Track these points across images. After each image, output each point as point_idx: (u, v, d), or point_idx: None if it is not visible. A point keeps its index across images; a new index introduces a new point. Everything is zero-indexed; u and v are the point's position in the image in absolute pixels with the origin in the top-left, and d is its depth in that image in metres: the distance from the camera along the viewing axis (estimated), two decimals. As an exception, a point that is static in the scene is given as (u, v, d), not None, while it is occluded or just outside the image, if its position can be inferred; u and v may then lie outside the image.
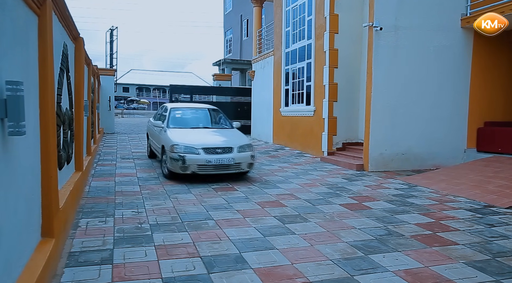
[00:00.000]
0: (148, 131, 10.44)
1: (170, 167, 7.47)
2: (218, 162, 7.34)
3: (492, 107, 10.25)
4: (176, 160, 7.23)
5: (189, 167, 7.22)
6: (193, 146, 7.36)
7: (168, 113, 8.84)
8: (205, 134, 8.34)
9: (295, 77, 13.41)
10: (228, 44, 31.25)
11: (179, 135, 7.84)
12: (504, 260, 3.91)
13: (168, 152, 7.46)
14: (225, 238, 4.36)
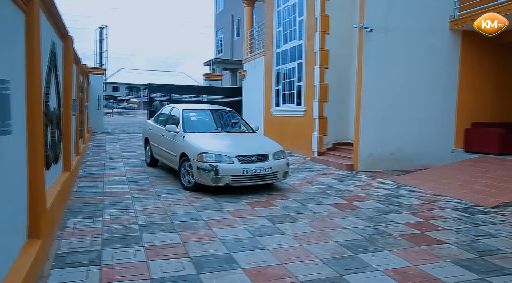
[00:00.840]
0: (148, 136, 9.05)
1: (198, 179, 6.45)
2: (255, 171, 6.43)
3: (479, 109, 10.39)
4: (207, 170, 6.27)
5: (222, 178, 6.26)
6: (226, 154, 6.43)
7: (181, 116, 7.70)
8: (232, 140, 7.43)
9: (286, 77, 13.44)
10: (219, 44, 31.20)
11: (204, 141, 6.84)
12: (490, 259, 3.97)
13: (195, 161, 6.45)
14: (215, 238, 4.35)
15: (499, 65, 10.42)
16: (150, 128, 9.02)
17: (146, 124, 9.52)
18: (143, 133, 9.78)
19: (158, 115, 9.11)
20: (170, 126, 7.51)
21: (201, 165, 6.34)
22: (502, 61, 10.43)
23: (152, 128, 8.85)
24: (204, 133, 7.41)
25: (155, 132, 8.58)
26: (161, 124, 8.38)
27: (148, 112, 19.57)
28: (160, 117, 8.90)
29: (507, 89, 10.56)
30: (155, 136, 8.54)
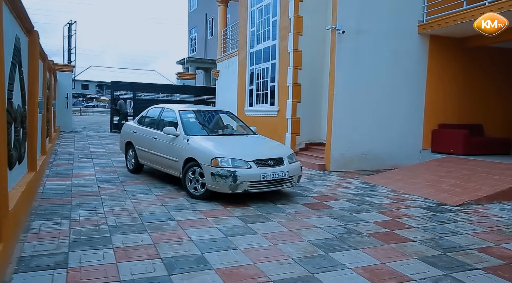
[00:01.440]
0: (132, 140, 8.13)
1: (212, 186, 5.92)
2: (273, 176, 6.04)
3: (445, 110, 10.76)
4: (224, 176, 5.75)
5: (241, 184, 5.80)
6: (243, 158, 5.97)
7: (179, 118, 7.03)
8: (242, 144, 6.96)
9: (259, 77, 13.47)
10: (193, 42, 30.94)
11: (214, 145, 6.33)
12: (454, 255, 4.12)
13: (208, 167, 5.91)
14: (186, 239, 4.31)
15: (465, 68, 10.82)
16: (134, 131, 8.13)
17: (128, 127, 8.59)
18: (122, 136, 8.77)
19: (143, 117, 8.28)
20: (169, 129, 6.78)
21: (217, 170, 5.79)
22: (467, 65, 10.83)
23: (138, 131, 8.00)
24: (208, 136, 6.91)
25: (143, 135, 7.74)
26: (151, 126, 7.70)
27: (111, 111, 19.07)
28: (146, 119, 8.14)
29: (472, 92, 10.98)
30: (142, 140, 7.71)
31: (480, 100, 11.15)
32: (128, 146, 8.41)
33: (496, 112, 11.46)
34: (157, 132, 7.26)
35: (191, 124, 7.12)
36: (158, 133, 7.23)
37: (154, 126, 7.57)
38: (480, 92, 11.12)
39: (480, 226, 5.26)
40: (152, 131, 7.46)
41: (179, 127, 6.83)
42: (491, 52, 11.09)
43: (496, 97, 11.40)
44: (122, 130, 8.94)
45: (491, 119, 11.31)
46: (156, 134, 7.28)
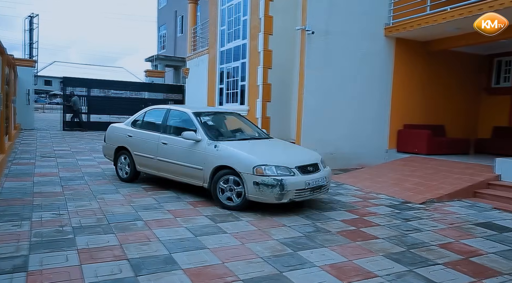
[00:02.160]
0: (128, 145, 7.19)
1: (255, 196, 5.45)
2: (316, 183, 5.69)
3: (410, 111, 11.11)
4: (271, 186, 5.32)
5: (287, 193, 5.40)
6: (286, 165, 5.58)
7: (196, 121, 6.37)
8: (272, 148, 6.51)
9: (229, 76, 13.43)
10: (162, 40, 30.46)
11: (250, 151, 5.87)
12: (417, 251, 4.26)
13: (250, 175, 5.43)
14: (154, 239, 4.23)
15: (429, 71, 11.21)
16: (128, 135, 7.18)
17: (117, 130, 7.57)
18: (110, 141, 7.66)
19: (139, 120, 7.37)
20: (189, 134, 6.13)
21: (262, 179, 5.35)
22: (431, 68, 11.22)
23: (135, 135, 7.08)
24: (235, 141, 6.39)
25: (144, 140, 6.91)
26: (155, 130, 6.88)
27: (63, 109, 18.13)
28: (145, 122, 7.26)
29: (435, 94, 11.39)
30: (144, 145, 6.88)
31: (442, 102, 11.59)
32: (119, 152, 7.41)
33: (457, 113, 11.95)
34: (168, 137, 6.54)
35: (211, 128, 6.59)
36: (169, 138, 6.52)
37: (160, 130, 6.78)
38: (443, 94, 11.55)
39: (441, 223, 5.47)
40: (159, 136, 6.67)
41: (198, 131, 6.18)
42: (453, 56, 11.55)
43: (457, 100, 11.88)
44: (108, 134, 7.77)
45: (452, 121, 11.78)
46: (166, 139, 6.53)
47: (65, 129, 17.54)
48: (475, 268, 3.87)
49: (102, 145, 8.03)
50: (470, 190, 7.24)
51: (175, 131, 6.63)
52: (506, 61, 12.06)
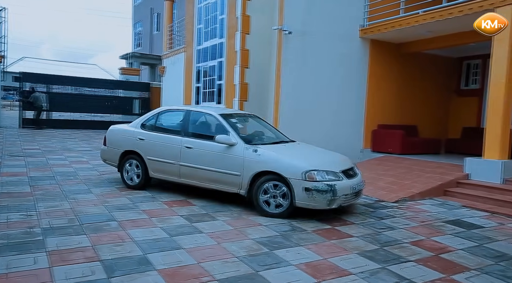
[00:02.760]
0: (139, 150, 6.59)
1: (305, 203, 5.24)
2: (358, 187, 5.63)
3: (384, 112, 11.34)
4: (324, 191, 5.16)
5: (338, 199, 5.27)
6: (333, 170, 5.46)
7: (226, 124, 6.03)
8: (309, 153, 6.31)
9: (206, 75, 13.33)
10: (138, 37, 29.94)
11: (294, 156, 5.75)
12: (390, 249, 4.36)
13: (299, 181, 5.22)
14: (128, 240, 4.16)
15: (402, 72, 11.47)
16: (140, 139, 6.58)
17: (125, 133, 6.88)
18: (113, 144, 6.97)
19: (151, 122, 6.80)
20: (223, 137, 5.77)
21: (314, 185, 5.16)
22: (405, 69, 11.49)
23: (149, 139, 6.52)
24: (269, 144, 6.14)
25: (161, 144, 6.40)
26: (174, 133, 6.40)
27: (22, 105, 17.31)
28: (160, 125, 6.76)
29: (408, 95, 11.67)
30: (163, 150, 6.35)
31: (415, 102, 11.88)
32: (125, 157, 6.79)
33: (429, 114, 12.28)
34: (193, 140, 6.11)
35: (246, 132, 6.31)
36: (194, 141, 6.09)
37: (181, 134, 6.31)
38: (416, 95, 11.85)
39: (413, 221, 5.60)
40: (181, 139, 6.20)
41: (232, 135, 5.85)
42: (425, 58, 11.87)
43: (429, 101, 12.21)
44: (109, 137, 7.07)
45: (425, 121, 12.10)
46: (190, 143, 6.10)
47: (25, 126, 16.83)
48: (444, 264, 3.98)
49: (102, 149, 7.23)
50: (441, 188, 7.46)
51: (201, 135, 6.25)
52: (474, 64, 12.49)
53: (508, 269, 3.95)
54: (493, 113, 7.47)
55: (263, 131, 6.83)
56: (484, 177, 7.44)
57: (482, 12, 7.64)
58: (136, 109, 19.49)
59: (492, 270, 3.91)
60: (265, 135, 6.72)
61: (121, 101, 19.22)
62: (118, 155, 6.85)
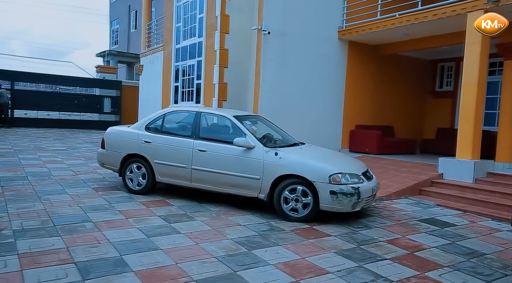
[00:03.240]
0: (147, 153, 6.25)
1: (331, 206, 5.23)
2: (375, 189, 5.71)
3: (362, 112, 11.52)
4: (349, 194, 5.17)
5: (362, 201, 5.33)
6: (356, 173, 5.50)
7: (242, 127, 5.88)
8: (325, 155, 6.24)
9: (185, 74, 13.22)
10: (115, 35, 29.43)
11: (318, 159, 5.74)
12: (366, 247, 4.43)
13: (325, 184, 5.19)
14: (104, 241, 4.08)
15: (379, 74, 11.68)
16: (146, 141, 6.26)
17: (128, 135, 6.50)
18: (113, 148, 6.57)
19: (158, 124, 6.50)
20: (241, 140, 5.61)
21: (340, 188, 5.16)
22: (382, 71, 11.71)
23: (157, 142, 6.22)
24: (287, 147, 6.00)
25: (174, 147, 6.10)
26: (186, 136, 6.14)
27: None
28: (167, 127, 6.55)
29: (385, 96, 11.89)
30: (173, 153, 6.08)
31: (392, 103, 12.12)
32: (128, 160, 6.43)
33: (405, 115, 12.55)
34: (207, 143, 5.90)
35: (261, 135, 6.16)
36: (208, 144, 5.88)
37: (193, 136, 6.07)
38: (392, 96, 12.08)
39: (389, 220, 5.71)
40: (193, 142, 5.98)
41: (249, 137, 5.70)
42: (402, 60, 12.12)
43: (405, 102, 12.48)
44: (108, 140, 6.67)
45: (401, 122, 12.36)
46: (203, 146, 5.88)
47: None
48: (419, 262, 4.08)
49: (100, 152, 6.80)
50: (416, 188, 7.63)
51: (215, 138, 6.05)
52: (448, 66, 12.85)
53: (478, 266, 4.08)
54: (465, 114, 7.69)
55: (271, 133, 6.60)
56: (457, 176, 7.66)
57: (455, 16, 7.89)
58: (107, 108, 19.11)
59: (464, 267, 4.03)
60: (276, 138, 6.52)
61: (91, 99, 18.77)
62: (120, 159, 6.45)
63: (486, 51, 7.54)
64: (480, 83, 7.51)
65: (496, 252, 4.55)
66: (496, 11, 7.28)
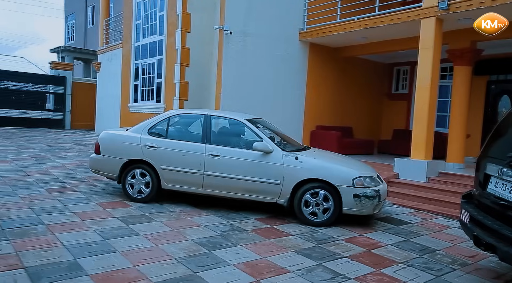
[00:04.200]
0: (152, 159, 5.86)
1: (354, 209, 5.28)
2: (386, 192, 5.79)
3: (322, 113, 11.74)
4: (372, 197, 5.26)
5: (381, 203, 5.51)
6: (374, 176, 5.61)
7: (257, 131, 5.76)
8: (335, 158, 6.22)
9: (145, 72, 12.93)
10: (71, 30, 28.28)
11: (337, 162, 5.80)
12: (325, 246, 4.52)
13: (348, 188, 5.24)
14: (58, 244, 3.91)
15: (339, 76, 11.96)
16: (151, 146, 5.87)
17: (128, 139, 6.08)
18: (111, 153, 6.08)
19: (162, 127, 6.14)
20: (260, 145, 5.50)
21: (363, 191, 5.23)
22: (341, 73, 11.99)
23: (164, 147, 5.87)
24: (301, 151, 5.89)
25: (183, 152, 5.78)
26: (195, 140, 5.86)
27: None
28: (174, 131, 6.24)
29: (345, 98, 12.19)
30: (183, 158, 5.76)
31: (351, 105, 12.45)
32: (129, 167, 5.99)
33: (363, 116, 12.94)
34: (221, 148, 5.69)
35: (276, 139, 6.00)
36: (222, 149, 5.67)
37: (204, 141, 5.81)
38: (351, 98, 12.41)
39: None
40: (204, 147, 5.72)
41: (266, 141, 5.61)
42: (361, 63, 12.49)
43: (364, 103, 12.86)
44: (105, 145, 6.16)
45: (359, 123, 12.72)
46: (217, 151, 5.66)
47: None
48: (375, 259, 4.21)
49: (93, 158, 6.27)
50: (373, 187, 7.86)
51: (228, 142, 5.91)
52: (404, 70, 13.39)
53: (430, 261, 4.28)
54: (418, 117, 8.03)
55: (274, 136, 6.25)
56: (411, 176, 7.98)
57: (410, 22, 8.22)
58: (50, 105, 18.28)
59: (417, 262, 4.21)
60: (285, 141, 6.32)
61: (31, 96, 17.88)
62: (120, 165, 5.97)
63: (438, 56, 7.91)
64: (432, 87, 7.87)
65: (446, 248, 4.79)
66: (446, 19, 7.71)
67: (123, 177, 6.01)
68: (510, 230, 3.14)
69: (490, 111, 10.78)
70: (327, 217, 5.36)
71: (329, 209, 5.33)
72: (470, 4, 7.14)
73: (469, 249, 4.70)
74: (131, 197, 5.97)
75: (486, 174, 3.65)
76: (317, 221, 5.36)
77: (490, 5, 6.85)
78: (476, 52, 8.77)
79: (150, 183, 5.91)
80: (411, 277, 3.79)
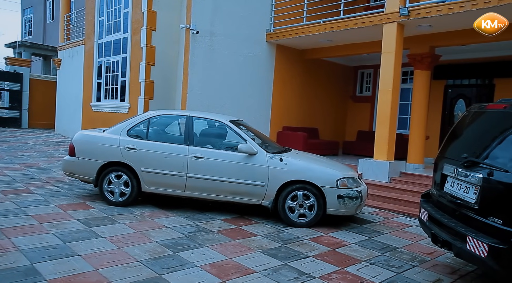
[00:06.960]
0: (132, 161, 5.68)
1: (337, 210, 5.37)
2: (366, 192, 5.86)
3: (289, 114, 11.86)
4: (354, 198, 5.36)
5: (363, 203, 5.65)
6: (355, 177, 5.70)
7: (240, 132, 5.74)
8: (316, 160, 6.14)
9: (108, 71, 12.58)
10: (28, 25, 27.03)
11: (320, 163, 5.83)
12: (291, 246, 4.57)
13: (332, 189, 5.29)
14: (12, 249, 3.73)
15: (305, 78, 12.13)
16: (131, 148, 5.68)
17: (106, 141, 5.85)
18: (87, 155, 5.83)
19: (143, 129, 5.95)
20: (245, 146, 5.45)
21: (347, 192, 5.31)
22: (307, 75, 12.16)
23: (144, 148, 5.69)
24: (287, 152, 5.93)
25: (165, 154, 5.64)
26: (177, 142, 5.75)
27: None
28: (155, 132, 6.04)
29: (311, 99, 12.37)
30: (165, 160, 5.62)
31: (317, 106, 12.65)
32: (106, 169, 5.76)
33: (329, 118, 13.18)
34: (204, 150, 5.62)
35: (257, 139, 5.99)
36: (206, 151, 5.60)
37: (186, 142, 5.70)
38: (317, 99, 12.61)
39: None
40: (187, 149, 5.61)
41: (250, 143, 5.57)
42: (326, 65, 12.72)
43: (329, 105, 13.11)
44: (80, 146, 5.90)
45: (325, 124, 12.95)
46: (201, 153, 5.57)
47: None
48: (339, 258, 4.30)
49: (67, 160, 5.97)
50: (337, 187, 8.02)
51: (211, 143, 5.86)
52: (367, 73, 13.76)
53: (391, 259, 4.42)
54: (381, 118, 8.27)
55: (257, 138, 6.20)
56: (374, 176, 8.21)
57: (373, 26, 8.46)
58: (5, 103, 17.47)
59: (379, 260, 4.33)
60: (267, 143, 6.27)
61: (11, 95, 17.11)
62: (97, 168, 5.74)
63: (399, 60, 8.18)
64: (394, 90, 8.13)
65: (406, 246, 4.96)
66: (407, 25, 8.00)
67: (100, 180, 5.78)
68: (464, 228, 3.30)
69: (447, 114, 11.29)
70: (311, 218, 5.42)
71: (313, 209, 5.40)
72: (429, 12, 7.43)
73: (428, 247, 4.89)
74: (109, 201, 5.76)
75: (443, 174, 3.82)
76: (302, 222, 5.42)
77: (447, 12, 7.16)
78: (435, 57, 9.14)
79: (130, 185, 5.73)
80: (373, 275, 3.89)
